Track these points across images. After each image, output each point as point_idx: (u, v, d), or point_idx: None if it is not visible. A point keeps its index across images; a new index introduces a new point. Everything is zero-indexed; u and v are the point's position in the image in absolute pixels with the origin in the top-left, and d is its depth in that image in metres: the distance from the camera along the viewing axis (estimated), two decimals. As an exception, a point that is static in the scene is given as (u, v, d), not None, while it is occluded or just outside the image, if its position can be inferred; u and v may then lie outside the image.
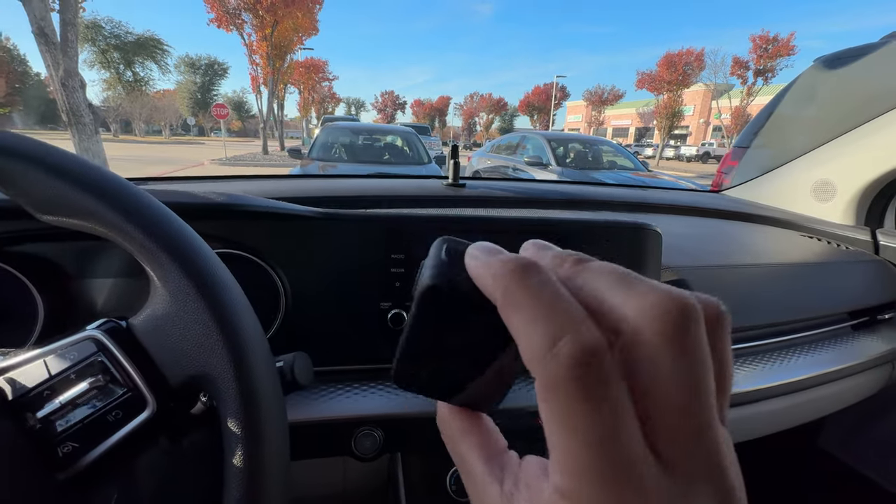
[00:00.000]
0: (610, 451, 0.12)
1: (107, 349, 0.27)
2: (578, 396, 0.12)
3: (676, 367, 0.13)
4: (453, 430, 0.19)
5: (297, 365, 0.37)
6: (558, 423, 0.13)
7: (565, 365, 0.12)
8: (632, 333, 0.13)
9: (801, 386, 0.78)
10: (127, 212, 0.27)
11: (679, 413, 0.13)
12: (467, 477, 0.18)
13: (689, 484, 0.12)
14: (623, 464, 0.12)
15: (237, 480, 0.25)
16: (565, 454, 0.13)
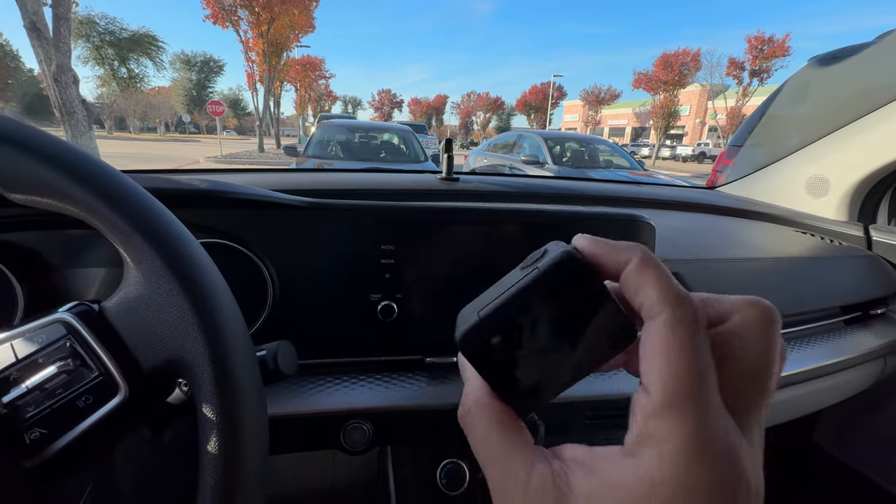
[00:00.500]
0: (706, 375, 0.15)
1: (77, 332, 0.26)
2: (698, 331, 0.15)
3: (761, 347, 0.16)
4: (488, 417, 0.18)
5: (280, 353, 0.36)
6: (680, 350, 0.15)
7: (693, 309, 0.16)
8: (734, 319, 0.17)
9: (795, 380, 0.78)
10: (99, 190, 0.26)
11: (750, 379, 0.16)
12: (506, 463, 0.17)
13: (741, 425, 0.15)
14: (708, 390, 0.15)
15: (212, 467, 0.25)
16: (674, 373, 0.15)
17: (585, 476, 0.16)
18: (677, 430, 0.14)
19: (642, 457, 0.15)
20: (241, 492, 0.25)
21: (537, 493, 0.16)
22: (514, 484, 0.17)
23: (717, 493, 0.14)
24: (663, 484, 0.14)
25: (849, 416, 1.03)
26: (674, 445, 0.14)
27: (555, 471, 0.16)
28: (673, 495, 0.14)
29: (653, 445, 0.15)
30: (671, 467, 0.14)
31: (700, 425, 0.14)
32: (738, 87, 27.66)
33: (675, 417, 0.14)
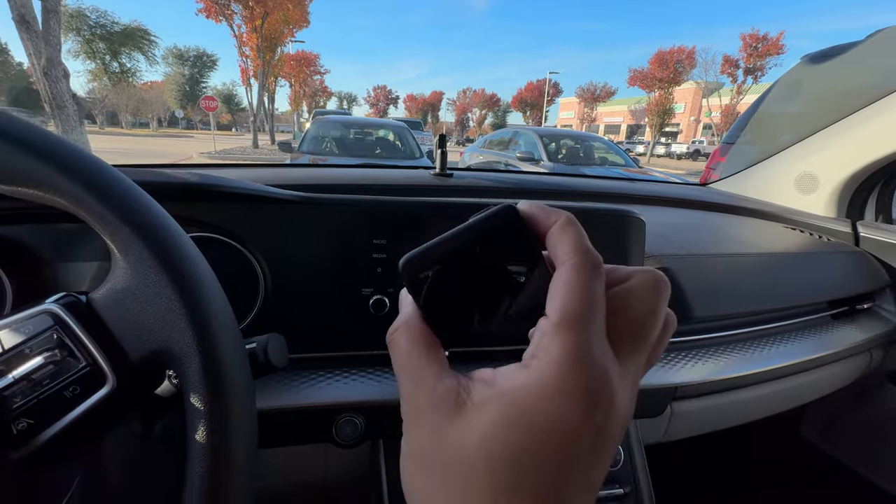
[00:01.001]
0: (595, 307, 0.18)
1: (64, 323, 0.26)
2: (595, 275, 0.18)
3: (648, 305, 0.20)
4: (412, 337, 0.20)
5: (270, 346, 0.36)
6: (576, 285, 0.18)
7: (596, 259, 0.19)
8: (630, 281, 0.20)
9: (783, 373, 0.79)
10: (85, 181, 0.26)
11: (635, 328, 0.19)
12: (420, 376, 0.19)
13: (619, 356, 0.18)
14: (594, 319, 0.18)
15: (199, 456, 0.25)
16: (568, 301, 0.18)
17: (485, 388, 0.18)
18: (562, 343, 0.17)
19: (531, 366, 0.17)
20: (228, 481, 0.25)
21: (440, 398, 0.18)
22: (422, 391, 0.19)
23: (586, 395, 0.16)
24: (542, 385, 0.17)
25: (835, 410, 1.05)
26: (556, 356, 0.17)
27: (461, 384, 0.18)
28: (551, 394, 0.16)
29: (541, 356, 0.17)
30: (551, 372, 0.17)
31: (580, 341, 0.17)
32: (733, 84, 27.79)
33: (561, 333, 0.17)
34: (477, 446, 0.17)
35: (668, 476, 0.89)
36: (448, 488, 0.17)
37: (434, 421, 0.18)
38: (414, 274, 0.20)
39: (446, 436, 0.17)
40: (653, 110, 27.89)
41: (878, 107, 0.93)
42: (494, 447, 0.16)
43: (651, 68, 28.25)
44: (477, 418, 0.17)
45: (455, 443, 0.17)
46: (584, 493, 0.17)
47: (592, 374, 0.17)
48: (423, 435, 0.18)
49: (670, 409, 0.70)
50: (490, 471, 0.16)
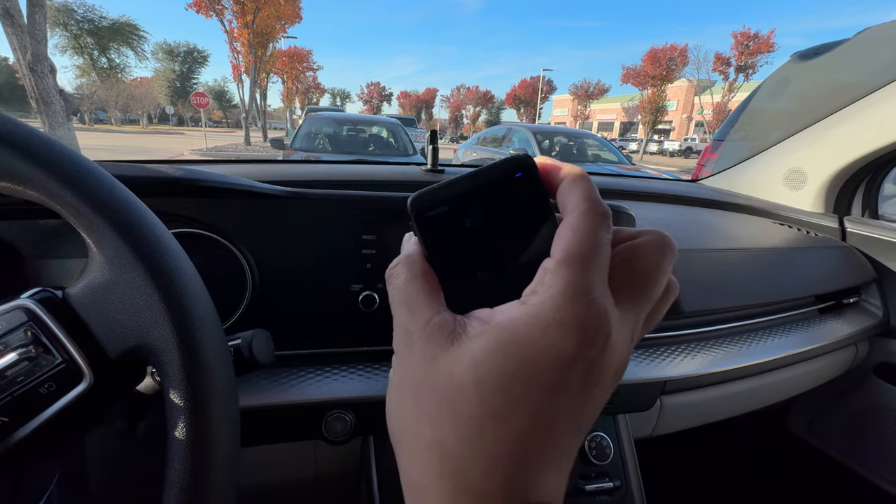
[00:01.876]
0: (599, 251, 0.18)
1: (38, 319, 0.26)
2: (602, 222, 0.18)
3: (654, 259, 0.19)
4: (413, 272, 0.20)
5: (255, 342, 0.36)
6: (582, 228, 0.18)
7: (603, 209, 0.19)
8: (639, 239, 0.20)
9: (771, 367, 0.80)
10: (59, 173, 0.25)
11: (639, 280, 0.19)
12: (418, 308, 0.19)
13: (619, 304, 0.18)
14: (597, 261, 0.18)
15: (179, 452, 0.24)
16: (572, 241, 0.18)
17: (481, 324, 0.18)
18: (562, 279, 0.17)
19: (529, 301, 0.17)
20: (209, 477, 0.25)
21: (435, 329, 0.18)
22: (417, 321, 0.19)
23: (583, 328, 0.16)
24: (540, 317, 0.16)
25: (822, 403, 1.06)
26: (557, 290, 0.17)
27: (458, 320, 0.18)
28: (546, 324, 0.16)
29: (540, 291, 0.17)
30: (550, 304, 0.16)
31: (581, 279, 0.17)
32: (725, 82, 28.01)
33: (563, 271, 0.17)
34: (468, 372, 0.17)
35: (658, 469, 0.90)
36: (436, 413, 0.17)
37: (428, 349, 0.18)
38: (421, 212, 0.20)
39: (438, 362, 0.17)
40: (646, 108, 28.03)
41: (864, 103, 0.94)
42: (485, 373, 0.16)
43: (644, 66, 28.37)
44: (470, 346, 0.17)
45: (446, 368, 0.17)
46: (570, 434, 0.17)
47: (591, 310, 0.16)
48: (415, 363, 0.18)
49: (660, 403, 0.71)
50: (479, 396, 0.16)
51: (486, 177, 0.20)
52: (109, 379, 0.28)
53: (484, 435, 0.16)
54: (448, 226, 0.20)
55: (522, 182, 0.20)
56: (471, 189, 0.20)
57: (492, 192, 0.20)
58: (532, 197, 0.20)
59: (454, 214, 0.20)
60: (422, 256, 0.20)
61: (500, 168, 0.20)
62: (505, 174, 0.20)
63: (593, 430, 0.65)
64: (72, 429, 0.29)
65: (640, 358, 0.69)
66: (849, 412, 1.03)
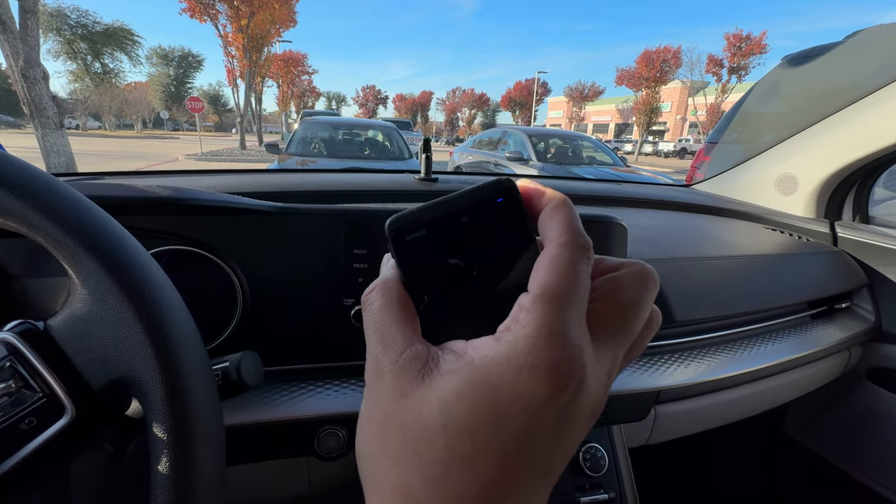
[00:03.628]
0: (577, 286, 0.17)
1: (19, 353, 0.25)
2: (582, 256, 0.18)
3: (636, 294, 0.19)
4: (388, 299, 0.19)
5: (243, 364, 0.35)
6: (560, 262, 0.17)
7: (584, 241, 0.18)
8: (621, 271, 0.20)
9: (765, 374, 0.80)
10: (37, 203, 0.25)
11: (619, 314, 0.19)
12: (391, 339, 0.18)
13: (597, 346, 0.18)
14: (574, 299, 0.17)
15: (162, 487, 0.24)
16: (550, 277, 0.17)
17: (454, 358, 0.17)
18: (537, 318, 0.16)
19: (503, 339, 0.17)
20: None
21: (407, 363, 0.18)
22: (389, 354, 0.18)
23: (555, 372, 0.16)
24: (511, 357, 0.16)
25: (816, 408, 1.07)
26: (531, 330, 0.16)
27: (431, 352, 0.18)
28: (518, 367, 0.16)
29: (514, 329, 0.17)
30: (523, 345, 0.16)
31: (556, 319, 0.16)
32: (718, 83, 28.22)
33: (539, 309, 0.17)
34: (436, 413, 0.16)
35: (654, 478, 0.90)
36: (401, 455, 0.17)
37: (398, 385, 0.17)
38: (398, 236, 0.19)
39: (408, 399, 0.17)
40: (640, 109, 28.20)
41: (855, 108, 0.94)
42: (454, 416, 0.16)
43: (638, 67, 28.55)
44: (440, 385, 0.17)
45: (415, 407, 0.17)
46: (539, 479, 0.17)
47: (564, 352, 0.16)
48: (384, 397, 0.18)
49: (654, 412, 0.71)
50: (446, 439, 0.16)
51: (466, 200, 0.19)
52: (93, 411, 0.27)
53: (449, 479, 0.16)
54: (426, 250, 0.19)
55: (503, 207, 0.19)
56: (450, 213, 0.19)
57: (472, 216, 0.19)
58: (513, 223, 0.19)
59: (432, 239, 0.19)
60: (398, 281, 0.20)
61: (481, 192, 0.19)
62: (486, 198, 0.19)
63: (587, 441, 0.64)
64: (56, 461, 0.28)
65: (634, 368, 0.69)
66: (843, 416, 1.03)
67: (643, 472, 0.71)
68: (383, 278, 0.21)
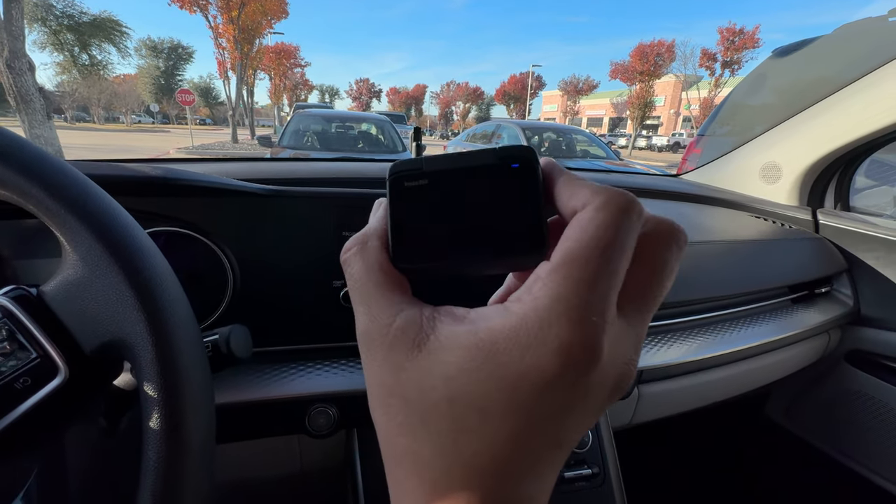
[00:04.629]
0: (611, 253, 0.15)
1: (12, 315, 0.26)
2: (623, 217, 0.15)
3: (665, 257, 0.17)
4: (373, 258, 0.18)
5: (233, 337, 0.36)
6: (593, 225, 0.15)
7: (625, 200, 0.16)
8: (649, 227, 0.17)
9: (746, 355, 0.82)
10: (29, 172, 0.25)
11: (650, 280, 0.17)
12: (375, 304, 0.17)
13: (624, 314, 0.16)
14: (605, 271, 0.15)
15: (154, 442, 0.25)
16: (576, 242, 0.15)
17: (454, 323, 0.16)
18: (552, 291, 0.15)
19: (512, 311, 0.15)
20: (184, 466, 0.26)
21: (399, 333, 0.16)
22: (377, 324, 0.17)
23: (567, 353, 0.14)
24: (519, 330, 0.15)
25: (797, 390, 1.10)
26: (543, 304, 0.15)
27: (425, 315, 0.17)
28: (527, 342, 0.15)
29: (525, 300, 0.15)
30: (534, 318, 0.15)
31: (575, 293, 0.15)
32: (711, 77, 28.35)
33: (555, 280, 0.15)
34: (441, 387, 0.15)
35: (636, 457, 0.92)
36: (408, 423, 0.16)
37: (392, 358, 0.16)
38: (398, 180, 0.18)
39: (407, 372, 0.16)
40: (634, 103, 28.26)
41: (835, 98, 0.96)
42: (459, 391, 0.15)
43: (632, 61, 28.58)
44: (442, 357, 0.16)
45: (416, 380, 0.16)
46: (552, 450, 0.16)
47: (579, 333, 0.14)
48: (381, 371, 0.17)
49: (637, 391, 0.73)
50: (453, 413, 0.15)
51: (478, 160, 0.18)
52: (86, 373, 0.28)
53: (459, 447, 0.15)
54: (425, 202, 0.18)
55: (518, 174, 0.18)
56: (459, 168, 0.18)
57: (481, 176, 0.18)
58: (526, 193, 0.17)
59: (435, 191, 0.18)
60: (379, 237, 0.19)
61: (496, 154, 0.18)
62: (500, 161, 0.18)
63: None
64: (50, 423, 0.29)
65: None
66: (823, 398, 1.06)
67: (627, 453, 0.73)
68: (363, 235, 0.19)
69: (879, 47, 0.92)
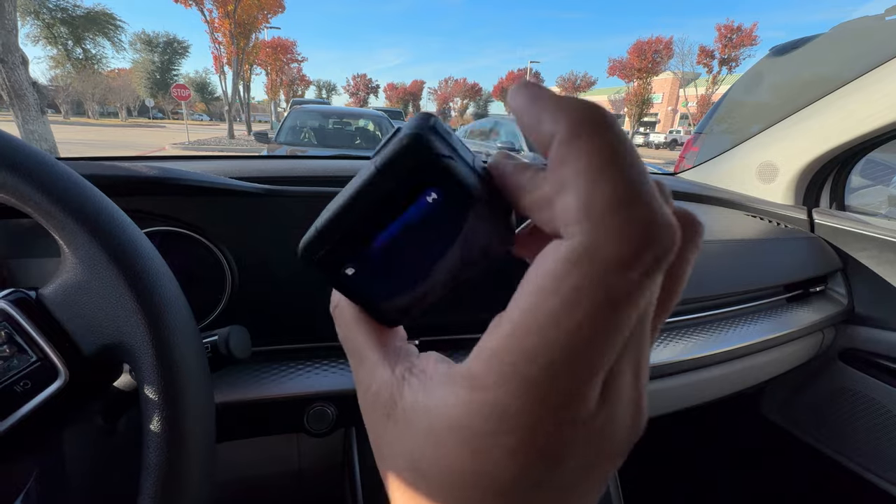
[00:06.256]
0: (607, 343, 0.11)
1: (12, 319, 0.26)
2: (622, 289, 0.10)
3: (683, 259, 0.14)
4: (350, 315, 0.18)
5: (231, 338, 0.37)
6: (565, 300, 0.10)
7: (636, 237, 0.10)
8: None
9: (742, 353, 0.83)
10: (28, 175, 0.25)
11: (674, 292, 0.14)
12: (360, 364, 0.17)
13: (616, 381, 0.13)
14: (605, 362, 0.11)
15: (155, 445, 0.25)
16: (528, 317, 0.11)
17: (419, 387, 0.15)
18: (505, 375, 0.12)
19: (460, 393, 0.13)
20: (183, 465, 0.26)
21: (374, 398, 0.16)
22: (360, 384, 0.17)
23: (519, 462, 0.12)
24: (465, 433, 0.12)
25: (792, 388, 1.11)
26: (492, 396, 0.12)
27: (396, 377, 0.16)
28: (475, 449, 0.12)
29: (479, 380, 0.12)
30: (484, 415, 0.12)
31: (538, 382, 0.11)
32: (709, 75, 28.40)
33: (511, 355, 0.12)
34: (405, 461, 0.15)
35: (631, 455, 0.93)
36: (386, 474, 0.16)
37: (371, 419, 0.16)
38: (308, 260, 0.16)
39: (383, 437, 0.16)
40: (632, 100, 28.29)
41: (831, 98, 0.97)
42: (420, 471, 0.14)
43: (630, 58, 28.59)
44: (405, 432, 0.15)
45: (388, 445, 0.16)
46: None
47: (540, 435, 0.12)
48: (367, 424, 0.17)
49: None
50: (416, 486, 0.14)
51: (372, 191, 0.14)
52: (85, 376, 0.28)
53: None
54: (341, 264, 0.15)
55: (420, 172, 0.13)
56: (357, 217, 0.14)
57: (384, 208, 0.14)
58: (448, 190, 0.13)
59: (356, 250, 0.15)
60: (345, 301, 0.18)
61: (387, 170, 0.13)
62: (394, 177, 0.13)
63: None
64: (49, 425, 0.29)
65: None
66: (817, 396, 1.07)
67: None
68: (339, 295, 0.19)
69: (876, 46, 0.92)
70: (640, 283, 0.10)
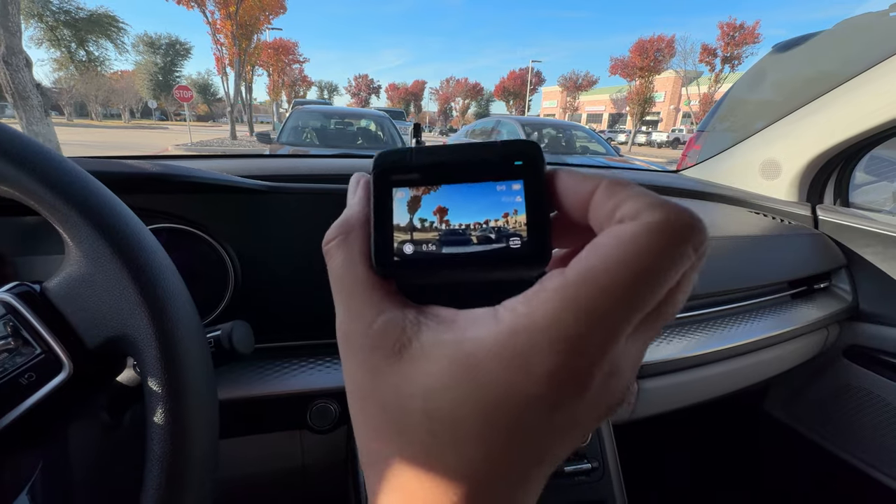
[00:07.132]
0: (648, 296, 0.13)
1: (17, 312, 0.26)
2: (678, 245, 0.13)
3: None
4: (359, 250, 0.17)
5: (235, 333, 0.37)
6: (633, 256, 0.13)
7: (686, 221, 0.13)
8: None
9: (746, 350, 0.83)
10: (33, 169, 0.25)
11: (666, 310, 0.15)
12: (359, 299, 0.16)
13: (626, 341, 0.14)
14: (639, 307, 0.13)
15: (158, 437, 0.25)
16: (599, 263, 0.13)
17: (439, 329, 0.15)
18: (553, 312, 0.13)
19: (503, 322, 0.14)
20: (187, 461, 0.26)
21: (379, 336, 0.15)
22: (357, 324, 0.16)
23: (553, 378, 0.13)
24: (505, 347, 0.13)
25: (796, 385, 1.10)
26: (538, 324, 0.13)
27: (408, 319, 0.16)
28: (511, 362, 0.13)
29: (520, 314, 0.14)
30: (523, 340, 0.13)
31: (579, 322, 0.13)
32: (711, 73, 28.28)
33: (562, 299, 0.13)
34: (419, 398, 0.14)
35: (637, 451, 0.93)
36: (384, 430, 0.15)
37: (371, 360, 0.15)
38: (384, 173, 0.16)
39: (385, 377, 0.15)
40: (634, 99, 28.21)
41: (836, 93, 0.96)
42: (437, 405, 0.14)
43: (632, 57, 28.50)
44: (423, 367, 0.14)
45: (395, 386, 0.15)
46: (532, 467, 0.15)
47: (572, 362, 0.13)
48: (359, 373, 0.16)
49: (637, 386, 0.73)
50: (429, 425, 0.14)
51: (476, 154, 0.16)
52: (89, 369, 0.28)
53: (432, 459, 0.15)
54: (414, 199, 0.16)
55: (520, 172, 0.16)
56: (454, 163, 0.16)
57: (477, 171, 0.16)
58: (528, 193, 0.16)
59: (423, 185, 0.16)
60: (361, 228, 0.17)
61: (497, 149, 0.16)
62: (500, 158, 0.16)
63: None
64: (54, 419, 0.30)
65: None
66: (821, 393, 1.07)
67: (627, 447, 0.73)
68: (346, 223, 0.18)
69: (880, 43, 0.92)
70: (688, 257, 0.13)
